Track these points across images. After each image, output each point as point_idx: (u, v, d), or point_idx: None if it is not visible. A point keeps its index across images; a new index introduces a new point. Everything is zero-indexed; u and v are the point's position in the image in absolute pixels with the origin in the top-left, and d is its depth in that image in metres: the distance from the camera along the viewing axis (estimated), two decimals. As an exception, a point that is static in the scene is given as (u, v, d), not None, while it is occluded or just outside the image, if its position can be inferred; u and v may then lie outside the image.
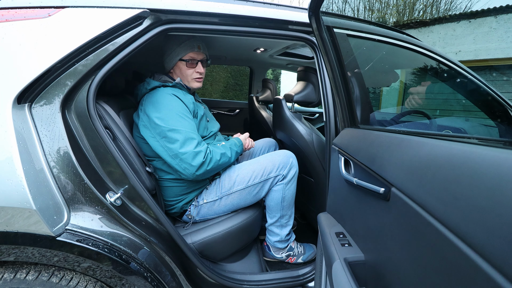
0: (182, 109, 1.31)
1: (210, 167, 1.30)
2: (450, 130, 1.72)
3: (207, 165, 1.29)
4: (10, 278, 0.91)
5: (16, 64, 0.88)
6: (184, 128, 1.27)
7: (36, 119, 0.91)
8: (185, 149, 1.24)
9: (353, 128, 1.10)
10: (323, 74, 1.31)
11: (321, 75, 1.32)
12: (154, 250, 1.09)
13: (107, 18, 0.99)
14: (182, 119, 1.29)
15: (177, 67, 1.48)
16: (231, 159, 1.43)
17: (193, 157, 1.25)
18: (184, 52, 1.44)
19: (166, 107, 1.28)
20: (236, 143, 1.52)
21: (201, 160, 1.26)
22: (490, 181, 0.38)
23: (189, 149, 1.25)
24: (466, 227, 0.39)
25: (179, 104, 1.31)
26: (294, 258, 1.63)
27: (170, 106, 1.28)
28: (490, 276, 0.35)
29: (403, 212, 0.57)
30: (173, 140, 1.25)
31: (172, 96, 1.31)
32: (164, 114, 1.26)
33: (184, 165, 1.26)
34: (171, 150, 1.26)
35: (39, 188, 0.84)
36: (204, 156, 1.27)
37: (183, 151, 1.24)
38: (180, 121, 1.27)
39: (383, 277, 0.68)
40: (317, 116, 3.72)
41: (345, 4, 10.99)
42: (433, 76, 1.75)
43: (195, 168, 1.26)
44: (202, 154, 1.27)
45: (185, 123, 1.28)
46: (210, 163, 1.30)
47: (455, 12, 8.23)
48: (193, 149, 1.25)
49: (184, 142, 1.25)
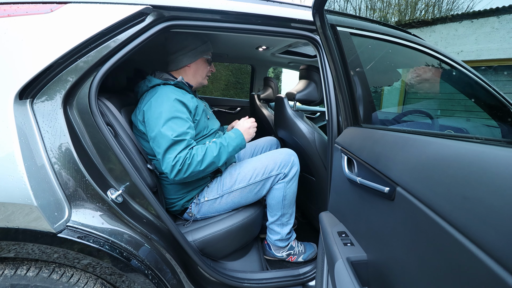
0: (179, 110, 1.29)
1: (187, 175, 1.26)
2: (452, 130, 1.72)
3: (183, 173, 1.24)
4: (10, 275, 0.91)
5: (18, 60, 0.87)
6: (173, 131, 1.24)
7: (38, 115, 0.91)
8: (167, 156, 1.23)
9: (356, 127, 1.09)
10: (325, 73, 1.30)
11: (323, 74, 1.31)
12: (155, 248, 1.08)
13: (109, 14, 0.98)
14: (173, 123, 1.25)
15: (196, 63, 1.51)
16: (220, 160, 1.34)
17: (172, 165, 1.22)
18: (208, 50, 1.52)
19: (162, 108, 1.26)
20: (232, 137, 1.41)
21: (178, 168, 1.23)
22: (500, 180, 0.37)
23: (170, 156, 1.23)
24: (475, 227, 0.39)
25: (177, 105, 1.29)
26: (294, 257, 1.63)
27: (166, 107, 1.26)
28: (500, 276, 0.34)
29: (408, 212, 0.57)
30: (158, 144, 1.24)
31: (171, 97, 1.29)
32: (158, 116, 1.24)
33: (164, 170, 1.25)
34: (157, 153, 1.26)
35: (40, 184, 0.84)
36: (181, 164, 1.23)
37: (165, 157, 1.23)
38: (172, 126, 1.25)
39: (386, 277, 0.67)
40: (318, 115, 3.72)
41: (347, 3, 10.98)
42: (435, 75, 1.74)
43: (173, 174, 1.24)
44: (179, 163, 1.23)
45: (175, 127, 1.25)
46: (188, 171, 1.25)
47: (457, 12, 8.21)
48: (173, 156, 1.22)
49: (168, 148, 1.23)
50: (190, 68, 1.51)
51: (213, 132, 1.54)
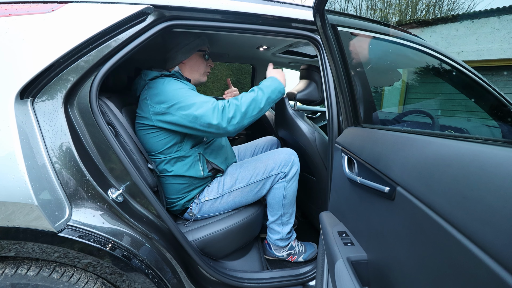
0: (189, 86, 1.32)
1: (231, 114, 1.23)
2: (452, 130, 1.72)
3: (227, 112, 1.23)
4: (11, 274, 0.91)
5: (19, 59, 0.88)
6: (196, 95, 1.26)
7: (39, 114, 0.91)
8: (202, 108, 1.22)
9: (356, 127, 1.10)
10: (326, 72, 1.30)
11: (324, 73, 1.31)
12: (155, 247, 1.09)
13: (110, 14, 0.98)
14: (191, 92, 1.27)
15: (191, 59, 1.50)
16: (261, 101, 1.30)
17: (212, 111, 1.21)
18: (202, 44, 1.49)
19: (172, 87, 1.27)
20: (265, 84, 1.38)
21: (220, 111, 1.22)
22: (500, 180, 0.37)
23: (205, 106, 1.22)
24: (475, 226, 0.39)
25: (185, 85, 1.31)
26: (295, 257, 1.63)
27: (177, 85, 1.28)
28: (500, 276, 0.34)
29: (408, 212, 0.57)
30: (187, 107, 1.22)
31: (175, 80, 1.31)
32: (172, 92, 1.25)
33: (206, 122, 1.22)
34: (188, 116, 1.23)
35: (41, 183, 0.84)
36: (222, 106, 1.23)
37: (199, 110, 1.22)
38: (191, 91, 1.27)
39: (386, 276, 0.67)
40: (319, 115, 3.72)
41: (348, 3, 10.96)
42: (435, 75, 1.74)
43: (218, 120, 1.21)
44: (218, 106, 1.23)
45: (195, 93, 1.28)
46: (230, 109, 1.24)
47: (457, 12, 8.19)
48: (210, 105, 1.22)
49: (200, 105, 1.22)
50: (185, 64, 1.51)
51: None
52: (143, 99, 1.33)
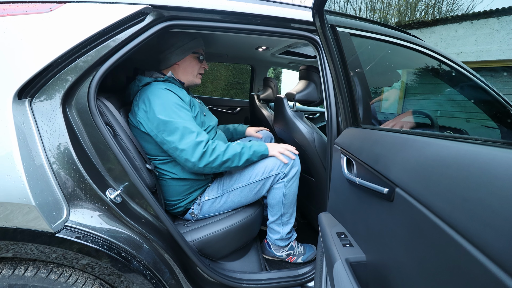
0: (177, 100, 1.30)
1: (212, 158, 1.26)
2: (451, 131, 1.72)
3: (209, 156, 1.25)
4: (8, 274, 0.90)
5: (17, 59, 0.87)
6: (182, 119, 1.25)
7: (37, 115, 0.90)
8: (185, 141, 1.23)
9: (355, 128, 1.09)
10: (325, 73, 1.30)
11: (323, 74, 1.31)
12: (153, 248, 1.08)
13: (109, 14, 0.98)
14: (179, 110, 1.27)
15: (185, 60, 1.50)
16: (241, 157, 1.35)
17: (194, 148, 1.23)
18: (197, 46, 1.49)
19: (161, 99, 1.26)
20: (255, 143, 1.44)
21: (202, 150, 1.23)
22: (500, 182, 0.37)
23: (188, 140, 1.23)
24: (474, 228, 0.38)
25: (174, 96, 1.31)
26: (294, 258, 1.63)
27: (165, 98, 1.27)
28: (499, 278, 0.34)
29: (407, 213, 0.57)
30: (171, 133, 1.23)
31: (165, 90, 1.30)
32: (160, 107, 1.25)
33: (184, 157, 1.24)
34: (170, 143, 1.24)
35: (38, 184, 0.84)
36: (205, 146, 1.24)
37: (182, 143, 1.23)
38: (177, 113, 1.26)
39: (385, 278, 0.67)
40: (318, 115, 3.72)
41: (347, 4, 10.98)
42: (435, 76, 1.74)
43: (196, 159, 1.23)
44: (202, 144, 1.24)
45: (182, 114, 1.27)
46: (213, 153, 1.26)
47: (457, 13, 8.21)
48: (194, 139, 1.23)
49: (183, 133, 1.23)
50: (179, 66, 1.51)
51: (211, 128, 1.54)
52: (134, 105, 1.35)
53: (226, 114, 3.40)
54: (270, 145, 1.49)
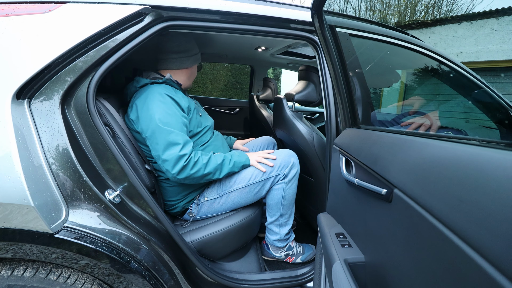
0: (172, 106, 1.30)
1: (194, 171, 1.26)
2: (451, 131, 1.72)
3: (190, 169, 1.25)
4: (7, 275, 0.90)
5: (16, 59, 0.87)
6: (171, 127, 1.25)
7: (35, 115, 0.90)
8: (168, 152, 1.22)
9: (354, 128, 1.09)
10: (324, 74, 1.30)
11: (322, 75, 1.31)
12: (152, 249, 1.08)
13: (108, 14, 0.98)
14: (170, 117, 1.27)
15: (193, 68, 1.57)
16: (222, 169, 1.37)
17: (176, 161, 1.22)
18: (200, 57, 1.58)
19: (154, 105, 1.26)
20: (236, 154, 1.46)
21: (183, 163, 1.23)
22: (496, 183, 0.37)
23: (172, 152, 1.22)
24: (471, 229, 0.38)
25: (169, 101, 1.30)
26: (293, 258, 1.63)
27: (159, 104, 1.27)
28: (495, 279, 0.34)
29: (405, 214, 0.57)
30: (157, 141, 1.23)
31: (162, 94, 1.30)
32: (151, 113, 1.24)
33: (166, 167, 1.24)
34: (155, 150, 1.25)
35: (37, 184, 0.84)
36: (187, 159, 1.24)
37: (166, 154, 1.22)
38: (168, 121, 1.25)
39: (383, 278, 0.67)
40: (317, 116, 3.72)
41: (347, 4, 10.99)
42: (434, 77, 1.74)
43: (176, 171, 1.23)
44: (185, 157, 1.24)
45: (172, 122, 1.26)
46: (195, 167, 1.26)
47: (456, 14, 8.22)
48: (177, 152, 1.23)
49: (168, 144, 1.23)
50: (189, 70, 1.55)
51: (207, 129, 1.54)
52: (130, 106, 1.35)
53: (226, 115, 3.40)
54: (249, 154, 1.51)
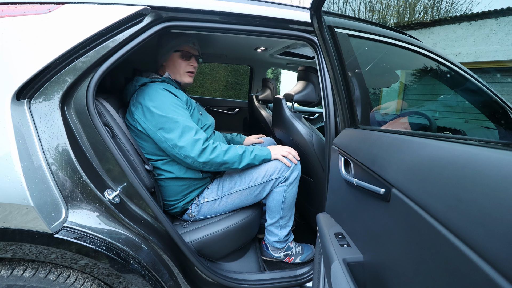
0: (175, 99, 1.32)
1: (213, 156, 1.27)
2: (450, 132, 1.72)
3: (209, 153, 1.26)
4: (7, 275, 0.90)
5: (16, 60, 0.87)
6: (180, 116, 1.26)
7: (35, 115, 0.90)
8: (184, 138, 1.24)
9: (353, 128, 1.10)
10: (323, 74, 1.31)
11: (321, 75, 1.32)
12: (152, 249, 1.08)
13: (107, 15, 0.98)
14: (176, 109, 1.28)
15: (171, 60, 1.50)
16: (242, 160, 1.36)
17: (193, 145, 1.24)
18: (179, 45, 1.48)
19: (159, 98, 1.28)
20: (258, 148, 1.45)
21: (201, 147, 1.24)
22: (493, 183, 0.37)
23: (187, 137, 1.24)
24: (469, 229, 0.39)
25: (171, 96, 1.32)
26: (292, 258, 1.63)
27: (163, 97, 1.29)
28: (493, 279, 0.34)
29: (403, 213, 0.57)
30: (170, 130, 1.24)
31: (163, 90, 1.31)
32: (158, 105, 1.26)
33: (184, 153, 1.25)
34: (169, 140, 1.25)
35: (37, 184, 0.84)
36: (204, 143, 1.25)
37: (182, 140, 1.24)
38: (175, 111, 1.27)
39: (382, 278, 0.67)
40: (316, 116, 3.72)
41: (346, 4, 11.00)
42: (433, 77, 1.75)
43: (196, 154, 1.24)
44: (201, 141, 1.25)
45: (180, 112, 1.28)
46: (214, 152, 1.27)
47: (455, 14, 8.23)
48: (192, 136, 1.24)
49: (182, 131, 1.24)
50: (168, 66, 1.52)
51: (207, 127, 1.54)
52: (132, 105, 1.35)
53: (225, 115, 3.40)
54: (273, 147, 1.49)
